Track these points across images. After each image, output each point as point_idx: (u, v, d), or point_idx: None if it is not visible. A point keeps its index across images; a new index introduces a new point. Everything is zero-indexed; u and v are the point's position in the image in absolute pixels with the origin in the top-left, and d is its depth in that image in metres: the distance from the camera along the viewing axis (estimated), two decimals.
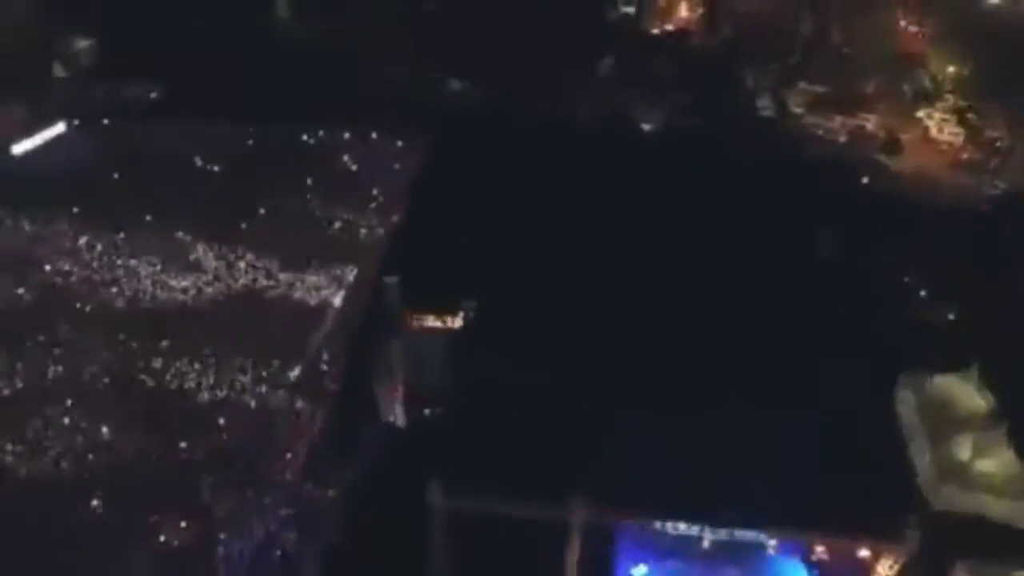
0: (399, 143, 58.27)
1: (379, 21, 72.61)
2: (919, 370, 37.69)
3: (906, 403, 36.92)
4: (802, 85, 74.14)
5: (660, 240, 45.34)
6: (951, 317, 43.21)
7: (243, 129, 58.68)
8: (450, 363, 30.88)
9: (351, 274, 41.62)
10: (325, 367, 32.87)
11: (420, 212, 48.08)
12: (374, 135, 58.65)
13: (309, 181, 53.03)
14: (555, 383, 29.70)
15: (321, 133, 58.90)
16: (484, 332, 32.47)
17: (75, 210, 47.08)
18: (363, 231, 47.12)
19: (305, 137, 58.83)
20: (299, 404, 31.30)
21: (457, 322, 31.64)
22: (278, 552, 26.50)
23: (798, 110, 72.48)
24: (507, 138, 55.43)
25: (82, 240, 43.98)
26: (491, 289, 34.54)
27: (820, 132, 68.43)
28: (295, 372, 33.63)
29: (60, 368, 34.63)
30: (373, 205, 49.90)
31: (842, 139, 67.37)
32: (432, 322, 30.94)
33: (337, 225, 48.09)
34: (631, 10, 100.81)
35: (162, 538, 27.27)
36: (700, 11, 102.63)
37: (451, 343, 31.28)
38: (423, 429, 29.62)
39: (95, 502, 28.40)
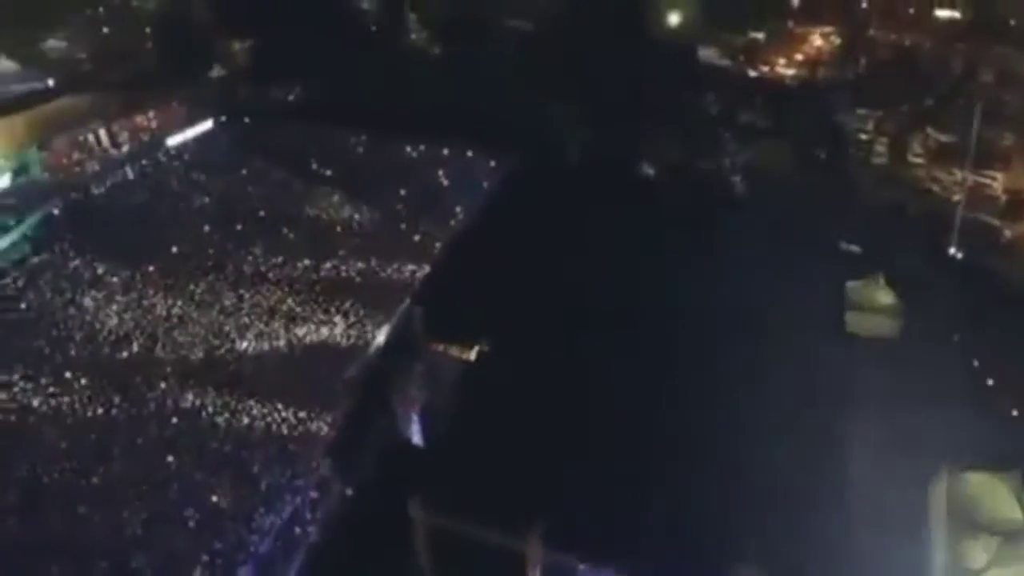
0: (491, 163, 62.59)
1: (499, 48, 77.61)
2: (962, 462, 36.23)
3: (938, 495, 35.70)
4: (929, 132, 70.01)
5: (717, 302, 45.14)
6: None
7: (359, 137, 65.36)
8: (461, 390, 34.05)
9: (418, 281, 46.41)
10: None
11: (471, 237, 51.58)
12: (469, 153, 63.21)
13: (402, 192, 58.45)
14: (549, 424, 31.78)
15: (422, 148, 64.27)
16: (497, 367, 35.03)
17: (206, 200, 54.98)
18: (437, 245, 51.44)
19: (408, 149, 64.40)
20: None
21: (471, 355, 34.67)
22: (298, 530, 31.16)
23: (917, 160, 68.63)
24: (587, 175, 58.39)
25: (206, 228, 51.23)
26: (512, 327, 37.13)
27: (935, 187, 64.39)
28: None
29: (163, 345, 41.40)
30: (452, 222, 54.30)
31: (957, 197, 62.94)
32: (449, 352, 34.16)
33: (416, 237, 52.76)
34: (760, 36, 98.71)
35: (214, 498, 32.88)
36: (836, 42, 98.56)
37: (464, 372, 34.42)
38: (418, 446, 32.87)
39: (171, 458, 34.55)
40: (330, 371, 38.93)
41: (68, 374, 38.58)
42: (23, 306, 43.06)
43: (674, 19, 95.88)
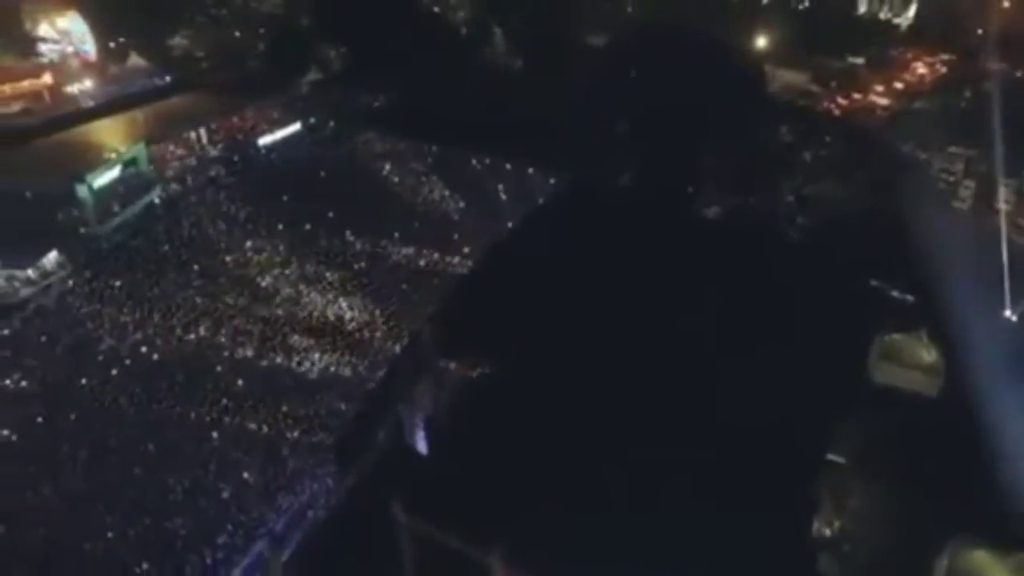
0: (551, 180, 64.74)
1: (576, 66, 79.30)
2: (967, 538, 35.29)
3: (939, 570, 35.02)
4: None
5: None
6: None
7: (430, 146, 69.07)
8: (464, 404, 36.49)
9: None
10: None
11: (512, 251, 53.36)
12: (530, 170, 65.58)
13: (462, 204, 61.66)
14: (540, 442, 33.42)
15: (487, 160, 67.20)
16: (505, 382, 36.92)
17: (284, 198, 60.26)
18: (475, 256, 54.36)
19: (474, 162, 67.53)
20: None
21: (478, 370, 36.95)
22: (310, 513, 34.88)
23: (1006, 206, 64.75)
24: (643, 199, 58.97)
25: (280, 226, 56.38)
26: (530, 345, 38.91)
27: (1018, 239, 60.58)
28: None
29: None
30: (499, 235, 57.01)
31: None
32: (457, 366, 36.61)
33: (462, 247, 55.86)
34: (859, 60, 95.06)
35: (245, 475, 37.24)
36: (942, 71, 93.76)
37: (468, 387, 36.79)
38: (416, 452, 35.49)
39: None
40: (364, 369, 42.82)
41: (144, 348, 44.19)
42: (118, 284, 49.32)
43: (762, 41, 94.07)
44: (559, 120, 71.75)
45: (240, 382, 42.87)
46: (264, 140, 66.70)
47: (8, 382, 40.88)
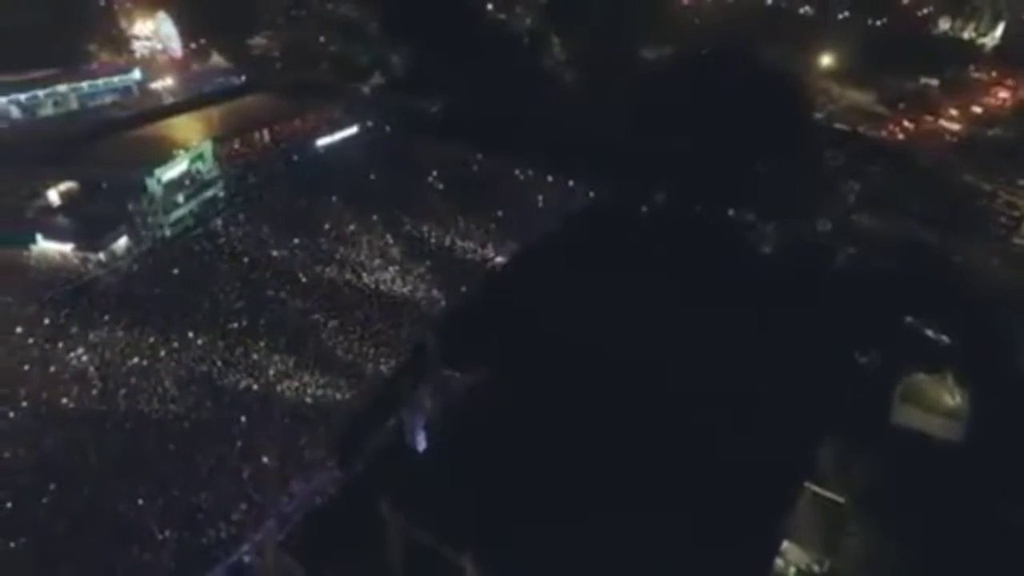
0: (590, 193, 65.87)
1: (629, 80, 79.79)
2: None
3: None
4: None
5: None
6: None
7: (476, 154, 71.37)
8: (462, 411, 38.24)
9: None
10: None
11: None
12: (571, 183, 66.86)
13: (500, 214, 63.62)
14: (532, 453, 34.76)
15: (530, 171, 68.89)
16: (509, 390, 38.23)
17: (333, 199, 63.84)
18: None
19: (517, 172, 69.34)
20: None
21: (477, 380, 38.53)
22: (317, 499, 37.64)
23: None
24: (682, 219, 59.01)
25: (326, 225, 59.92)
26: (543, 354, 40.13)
27: None
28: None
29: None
30: (532, 247, 58.68)
31: None
32: (458, 374, 38.34)
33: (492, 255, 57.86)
34: (934, 81, 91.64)
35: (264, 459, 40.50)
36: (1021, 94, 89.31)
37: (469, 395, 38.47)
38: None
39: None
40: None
41: (191, 333, 48.32)
42: (176, 271, 53.86)
43: (828, 59, 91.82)
44: (609, 134, 72.68)
45: (271, 372, 46.30)
46: (322, 141, 70.51)
47: (72, 355, 45.61)
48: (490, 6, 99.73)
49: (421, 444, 36.35)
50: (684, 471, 35.57)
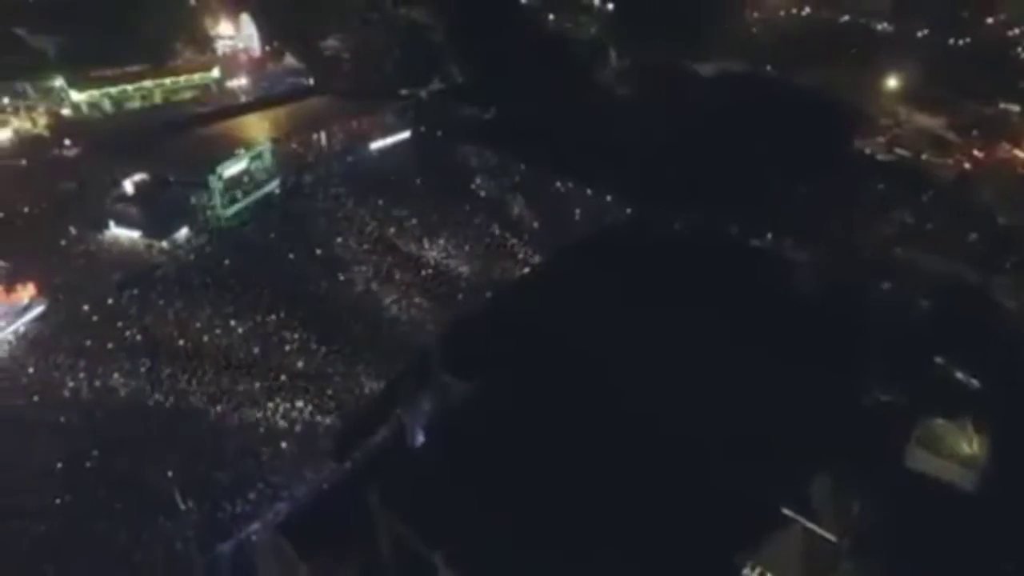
0: (627, 210, 66.58)
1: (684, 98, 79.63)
2: None
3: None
4: None
5: None
6: None
7: (520, 165, 73.18)
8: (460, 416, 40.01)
9: None
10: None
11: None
12: (608, 198, 67.72)
13: (535, 224, 65.29)
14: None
15: (571, 184, 70.14)
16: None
17: (379, 201, 67.11)
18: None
19: (558, 184, 70.71)
20: None
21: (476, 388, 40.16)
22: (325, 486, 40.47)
23: None
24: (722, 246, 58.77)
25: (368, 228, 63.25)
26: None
27: None
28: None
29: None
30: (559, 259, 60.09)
31: None
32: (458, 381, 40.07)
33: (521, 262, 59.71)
34: (1015, 108, 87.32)
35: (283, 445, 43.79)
36: None
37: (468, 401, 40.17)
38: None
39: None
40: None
41: (232, 321, 52.38)
42: (227, 262, 58.23)
43: (897, 80, 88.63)
44: (654, 149, 72.96)
45: (300, 364, 49.77)
46: (375, 144, 73.98)
47: (127, 334, 50.40)
48: (552, 16, 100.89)
49: (419, 444, 38.60)
50: (670, 494, 36.29)
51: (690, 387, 44.50)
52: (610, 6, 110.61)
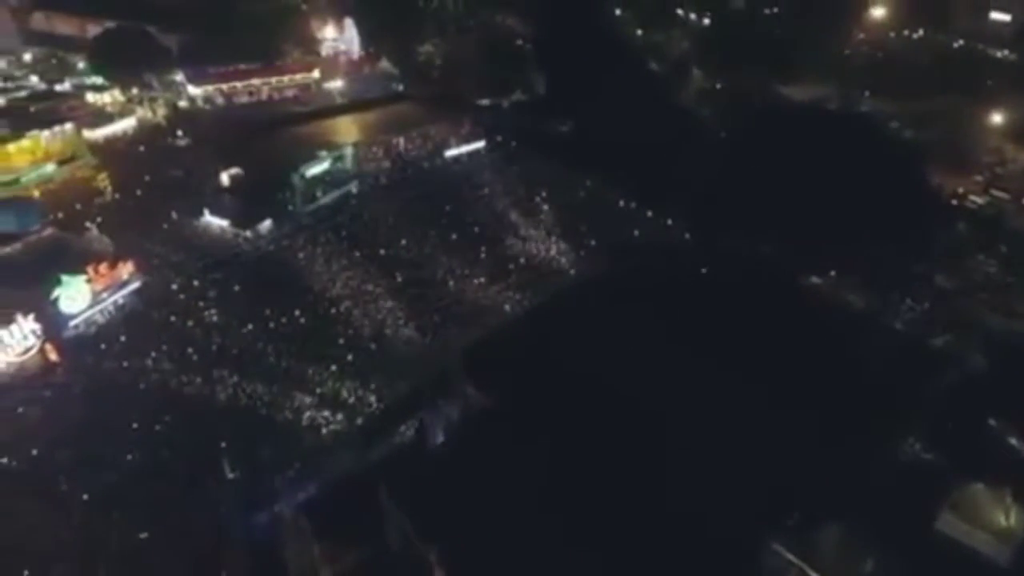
0: (686, 235, 66.64)
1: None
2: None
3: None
4: None
5: None
6: None
7: (585, 180, 74.45)
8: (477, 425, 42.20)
9: None
10: None
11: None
12: (669, 221, 67.89)
13: (592, 242, 66.60)
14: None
15: (634, 204, 70.82)
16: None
17: (447, 207, 70.54)
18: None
19: (621, 203, 71.54)
20: None
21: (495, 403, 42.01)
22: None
23: None
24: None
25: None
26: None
27: None
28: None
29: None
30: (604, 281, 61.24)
31: None
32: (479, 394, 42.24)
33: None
34: None
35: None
36: None
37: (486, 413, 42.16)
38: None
39: None
40: None
41: (297, 311, 57.23)
42: (301, 256, 63.33)
43: (1003, 116, 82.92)
44: (726, 175, 72.15)
45: (350, 356, 53.88)
46: (450, 152, 77.42)
47: (206, 314, 56.18)
48: (640, 31, 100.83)
49: (437, 446, 41.44)
50: (674, 523, 37.18)
51: (716, 421, 44.94)
52: (706, 21, 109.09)
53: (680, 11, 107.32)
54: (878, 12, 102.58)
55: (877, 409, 48.76)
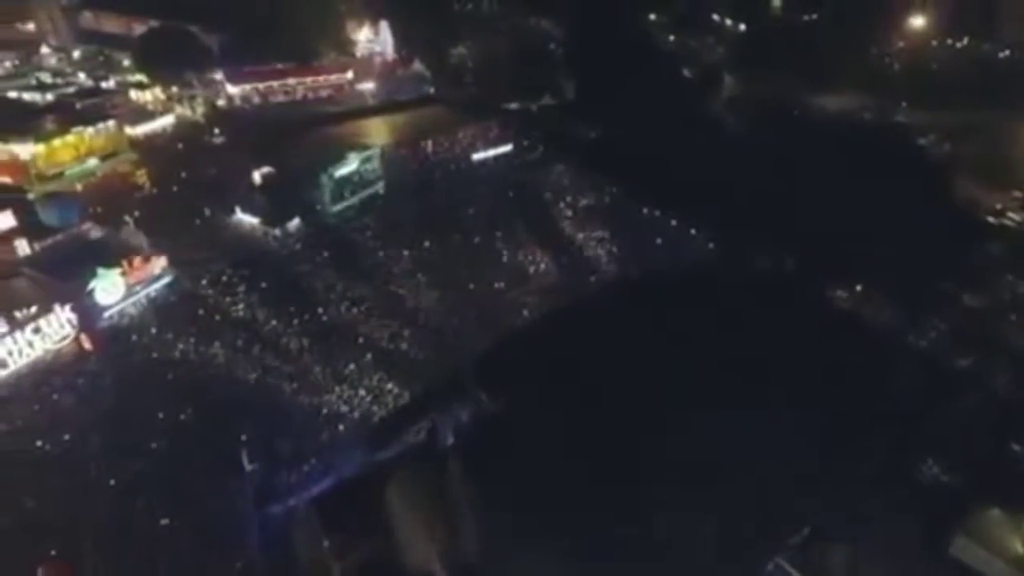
0: (710, 245, 66.31)
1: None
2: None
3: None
4: None
5: None
6: None
7: (612, 187, 74.52)
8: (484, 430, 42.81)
9: None
10: None
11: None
12: (692, 231, 67.61)
13: (613, 248, 66.68)
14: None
15: (658, 212, 70.67)
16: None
17: (470, 211, 71.36)
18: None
19: (645, 211, 71.44)
20: None
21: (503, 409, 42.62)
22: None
23: None
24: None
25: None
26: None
27: None
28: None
29: None
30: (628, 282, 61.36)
31: None
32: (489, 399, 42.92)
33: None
34: None
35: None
36: None
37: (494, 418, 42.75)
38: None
39: None
40: None
41: (320, 309, 58.60)
42: (326, 254, 64.76)
43: None
44: (753, 185, 71.48)
45: (368, 356, 55.04)
46: (477, 155, 78.17)
47: (233, 309, 57.89)
48: (672, 37, 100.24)
49: (447, 447, 42.26)
50: (679, 527, 37.40)
51: (733, 434, 44.87)
52: (741, 27, 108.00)
53: (716, 16, 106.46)
54: (919, 20, 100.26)
55: (897, 428, 48.21)
